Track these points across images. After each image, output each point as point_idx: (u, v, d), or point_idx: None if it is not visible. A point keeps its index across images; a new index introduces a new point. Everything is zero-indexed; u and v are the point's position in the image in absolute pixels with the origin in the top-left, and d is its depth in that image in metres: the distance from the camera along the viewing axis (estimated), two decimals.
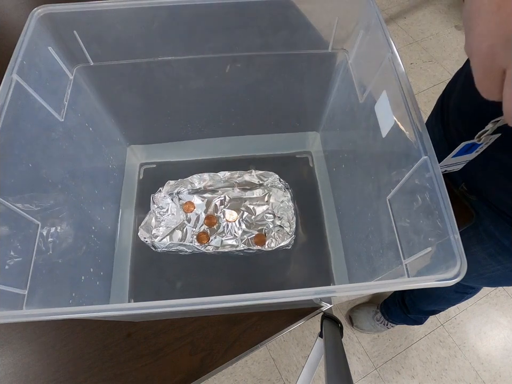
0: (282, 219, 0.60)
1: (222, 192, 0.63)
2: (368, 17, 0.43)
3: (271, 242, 0.58)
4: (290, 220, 0.60)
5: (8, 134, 0.36)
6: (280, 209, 0.61)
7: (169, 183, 0.63)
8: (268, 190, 0.63)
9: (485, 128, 0.37)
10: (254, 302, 0.28)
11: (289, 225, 0.59)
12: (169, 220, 0.61)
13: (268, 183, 0.63)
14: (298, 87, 0.59)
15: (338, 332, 0.50)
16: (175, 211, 0.61)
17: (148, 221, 0.60)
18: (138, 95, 0.57)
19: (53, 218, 0.43)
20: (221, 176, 0.63)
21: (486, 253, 0.54)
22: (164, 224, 0.60)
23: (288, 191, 0.63)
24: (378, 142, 0.41)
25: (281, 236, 0.59)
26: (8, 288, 0.33)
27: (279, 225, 0.60)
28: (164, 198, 0.62)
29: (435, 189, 0.31)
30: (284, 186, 0.63)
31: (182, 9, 0.43)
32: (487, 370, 1.20)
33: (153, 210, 0.61)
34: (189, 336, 0.55)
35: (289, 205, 0.61)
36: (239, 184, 0.63)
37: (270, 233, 0.59)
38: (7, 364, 0.53)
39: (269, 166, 0.65)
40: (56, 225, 0.43)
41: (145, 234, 0.58)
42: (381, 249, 0.42)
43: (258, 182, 0.63)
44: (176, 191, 0.63)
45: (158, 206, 0.61)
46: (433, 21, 1.94)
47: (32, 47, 0.40)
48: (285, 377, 1.17)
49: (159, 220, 0.60)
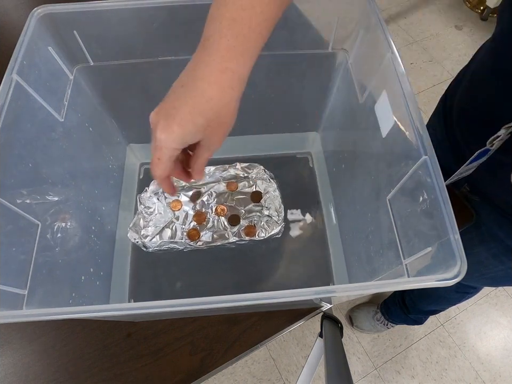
0: (270, 209, 0.61)
1: (209, 187, 0.63)
2: (368, 17, 0.43)
3: (261, 232, 0.59)
4: (278, 209, 0.61)
5: (8, 134, 0.36)
6: (267, 200, 0.62)
7: (154, 182, 0.63)
8: (253, 182, 0.64)
9: (497, 133, 0.37)
10: (254, 302, 0.28)
11: (277, 214, 0.60)
12: (157, 219, 0.61)
13: (253, 175, 0.64)
14: (298, 87, 0.59)
15: (338, 332, 0.50)
16: (162, 210, 0.61)
17: (136, 221, 0.59)
18: (138, 95, 0.57)
19: (53, 218, 0.43)
20: (205, 171, 0.63)
21: (489, 254, 0.54)
22: (152, 224, 0.60)
23: (273, 181, 0.63)
24: (378, 142, 0.41)
25: (271, 225, 0.60)
26: (8, 288, 0.33)
27: (267, 215, 0.61)
28: (150, 198, 0.62)
29: (435, 189, 0.31)
30: (268, 177, 0.64)
31: (182, 9, 0.43)
32: (487, 370, 1.20)
33: (140, 211, 0.61)
34: (189, 336, 0.55)
35: (276, 194, 0.62)
36: (224, 178, 0.64)
37: (259, 223, 0.60)
38: (7, 363, 0.53)
39: (269, 166, 0.65)
40: (56, 225, 0.43)
41: (134, 235, 0.58)
42: (381, 249, 0.42)
43: (243, 174, 0.64)
44: (161, 189, 0.63)
45: (145, 206, 0.61)
46: (433, 21, 1.94)
47: (32, 47, 0.40)
48: (285, 377, 1.17)
49: (147, 220, 0.60)
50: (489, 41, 0.46)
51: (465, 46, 1.84)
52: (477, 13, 1.94)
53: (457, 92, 0.52)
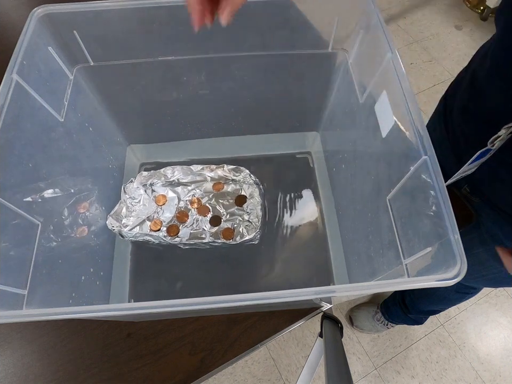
0: (251, 214, 0.61)
1: (195, 186, 0.64)
2: (368, 17, 0.43)
3: (238, 236, 0.59)
4: (259, 215, 0.61)
5: (8, 134, 0.36)
6: (250, 205, 0.62)
7: (142, 173, 0.63)
8: (239, 185, 0.64)
9: (497, 133, 0.37)
10: (254, 302, 0.28)
11: (257, 220, 0.60)
12: (140, 210, 0.61)
13: (240, 178, 0.64)
14: (298, 87, 0.59)
15: (338, 331, 0.50)
16: (147, 202, 0.62)
17: (117, 210, 0.59)
18: (138, 95, 0.57)
19: (53, 218, 0.43)
20: (193, 169, 0.63)
21: (489, 254, 0.54)
22: (134, 214, 0.60)
23: (258, 187, 0.63)
24: (378, 142, 0.41)
25: (249, 230, 0.60)
26: (8, 288, 0.33)
27: (247, 220, 0.61)
28: (137, 189, 0.62)
29: (435, 189, 0.31)
30: (254, 182, 0.64)
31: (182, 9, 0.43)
32: (487, 370, 1.20)
33: (124, 200, 0.61)
34: (189, 336, 0.55)
35: (258, 200, 0.62)
36: (211, 178, 0.64)
37: (238, 227, 0.60)
38: (7, 363, 0.53)
39: (269, 166, 0.65)
40: (56, 225, 0.43)
41: (114, 223, 0.58)
42: (381, 249, 0.42)
43: (230, 177, 0.64)
44: (149, 182, 0.63)
45: (130, 196, 0.61)
46: (433, 21, 1.94)
47: (32, 47, 0.40)
48: (285, 377, 1.17)
49: (130, 209, 0.61)
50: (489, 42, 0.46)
51: (465, 46, 1.84)
52: (477, 13, 1.94)
53: (457, 92, 0.52)
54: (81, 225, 0.50)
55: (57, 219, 0.44)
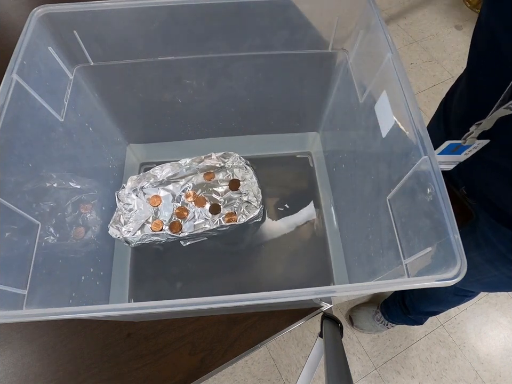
0: (248, 195, 0.62)
1: (186, 180, 0.64)
2: (368, 17, 0.43)
3: (242, 218, 0.60)
4: (256, 194, 0.61)
5: (8, 134, 0.36)
6: (245, 186, 0.63)
7: (132, 178, 0.63)
8: (230, 171, 0.64)
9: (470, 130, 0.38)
10: (254, 302, 0.28)
11: (256, 199, 0.61)
12: (137, 215, 0.61)
13: (229, 164, 0.64)
14: (298, 87, 0.59)
15: (338, 331, 0.50)
16: (142, 206, 0.62)
17: (115, 218, 0.59)
18: (138, 95, 0.57)
19: (52, 218, 0.43)
20: (182, 163, 0.63)
21: (484, 259, 0.54)
22: (133, 219, 0.60)
23: (250, 167, 0.64)
24: (378, 142, 0.41)
25: (251, 210, 0.61)
26: (8, 288, 0.33)
27: (246, 201, 0.61)
28: (129, 195, 0.62)
29: (435, 189, 0.31)
30: (244, 164, 0.64)
31: (182, 9, 0.43)
32: (487, 370, 1.20)
33: (119, 208, 0.61)
34: (189, 336, 0.55)
35: (253, 180, 0.63)
36: (201, 170, 0.64)
37: (239, 210, 0.61)
38: (7, 363, 0.53)
39: (269, 166, 0.65)
40: (56, 225, 0.43)
41: (116, 232, 0.58)
42: (381, 249, 0.42)
43: (219, 165, 0.64)
44: (139, 186, 0.62)
45: (124, 203, 0.61)
46: (433, 21, 1.94)
47: (32, 47, 0.40)
48: (285, 377, 1.17)
49: (127, 216, 0.60)
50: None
51: (465, 46, 1.84)
52: (477, 13, 1.94)
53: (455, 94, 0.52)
54: (81, 225, 0.50)
55: (57, 219, 0.44)
